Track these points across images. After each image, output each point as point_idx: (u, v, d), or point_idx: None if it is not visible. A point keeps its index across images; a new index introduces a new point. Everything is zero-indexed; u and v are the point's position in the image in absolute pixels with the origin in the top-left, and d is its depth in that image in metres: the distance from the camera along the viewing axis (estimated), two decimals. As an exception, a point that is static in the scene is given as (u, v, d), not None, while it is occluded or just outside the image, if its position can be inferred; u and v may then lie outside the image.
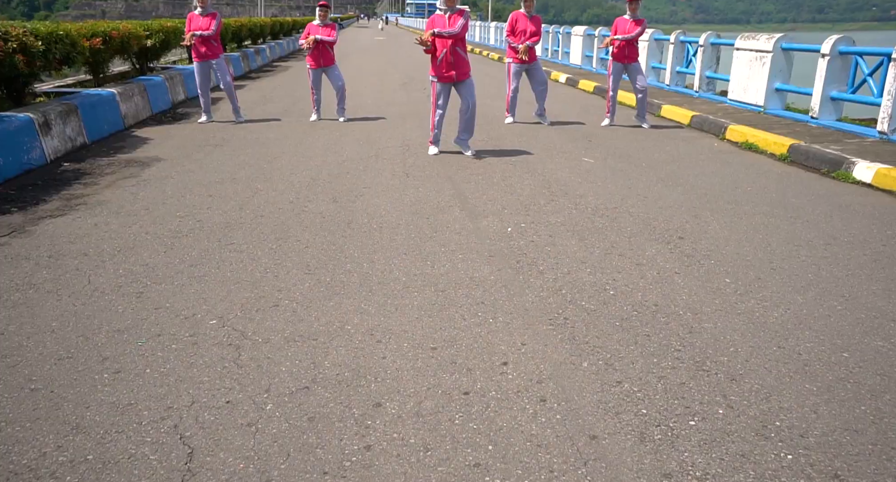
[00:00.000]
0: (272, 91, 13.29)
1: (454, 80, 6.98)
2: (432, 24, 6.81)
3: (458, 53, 6.88)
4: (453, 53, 6.85)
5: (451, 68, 6.89)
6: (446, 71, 6.91)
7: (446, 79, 6.96)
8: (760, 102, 9.49)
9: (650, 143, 8.15)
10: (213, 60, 9.02)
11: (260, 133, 8.58)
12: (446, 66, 6.88)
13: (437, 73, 6.96)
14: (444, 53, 6.83)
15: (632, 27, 8.86)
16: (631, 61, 8.99)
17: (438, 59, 6.87)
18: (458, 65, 6.92)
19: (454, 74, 6.92)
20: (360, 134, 8.53)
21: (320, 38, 9.16)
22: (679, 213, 5.11)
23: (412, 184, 6.01)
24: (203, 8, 8.89)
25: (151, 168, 6.61)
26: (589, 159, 7.09)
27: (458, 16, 6.81)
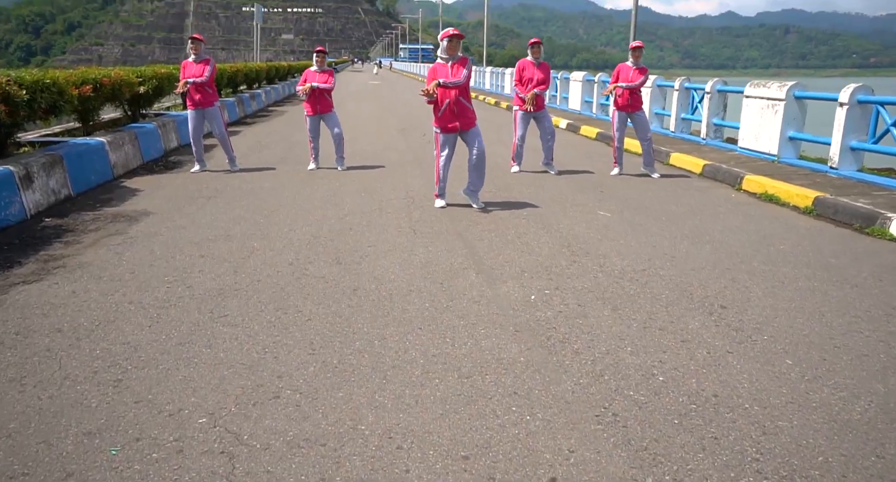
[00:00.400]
0: (268, 136, 12.98)
1: (458, 131, 6.64)
2: (434, 74, 6.50)
3: (461, 103, 6.55)
4: (457, 104, 6.52)
5: (455, 118, 6.57)
6: (450, 121, 6.58)
7: (450, 130, 6.62)
8: (774, 151, 9.21)
9: (664, 193, 7.80)
10: (207, 108, 8.72)
11: (255, 183, 8.19)
12: (450, 116, 6.56)
13: (441, 124, 6.63)
14: (447, 104, 6.51)
15: (635, 75, 8.62)
16: (635, 110, 8.72)
17: (441, 109, 6.54)
18: (463, 114, 6.59)
19: (458, 125, 6.59)
20: (360, 184, 8.15)
21: (317, 86, 8.87)
22: (714, 277, 4.69)
23: (420, 242, 5.59)
24: (196, 55, 8.63)
25: (139, 223, 6.16)
26: (605, 213, 6.70)
27: (461, 65, 6.51)
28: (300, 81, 9.03)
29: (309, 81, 8.91)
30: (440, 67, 6.51)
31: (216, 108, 8.91)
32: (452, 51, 6.46)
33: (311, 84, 8.86)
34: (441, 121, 6.60)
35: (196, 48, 8.64)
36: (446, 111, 6.54)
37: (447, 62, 6.50)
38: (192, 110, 8.71)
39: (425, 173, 8.84)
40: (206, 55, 8.81)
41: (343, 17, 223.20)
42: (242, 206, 6.94)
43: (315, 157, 9.30)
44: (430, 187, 7.80)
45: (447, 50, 6.46)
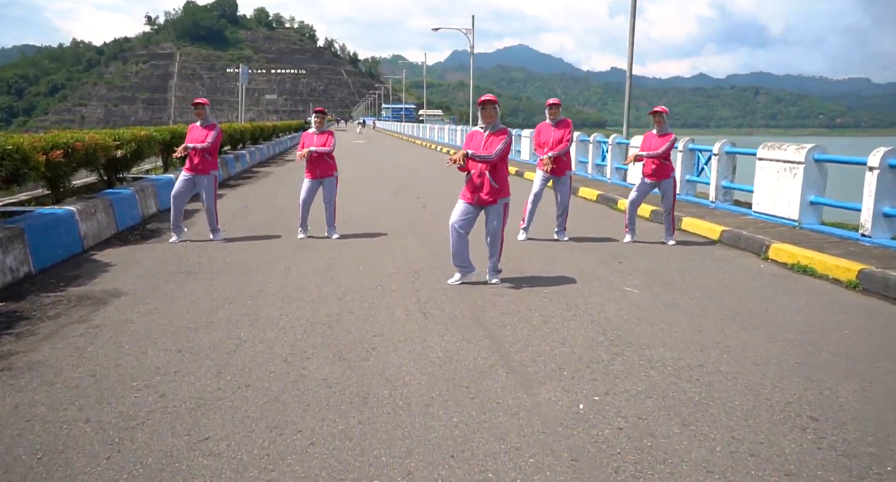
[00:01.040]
0: (253, 200, 12.30)
1: (475, 204, 6.03)
2: (469, 141, 6.00)
3: (487, 179, 5.94)
4: (481, 177, 5.93)
5: (476, 191, 5.96)
6: (471, 192, 5.98)
7: (468, 199, 6.01)
8: (794, 216, 8.69)
9: (687, 264, 7.19)
10: (202, 176, 8.18)
11: (241, 255, 7.45)
12: (471, 186, 5.97)
13: (463, 191, 6.05)
14: (471, 174, 5.95)
15: (658, 143, 8.13)
16: (662, 179, 8.18)
17: (467, 177, 6.01)
18: (483, 190, 5.98)
19: (477, 198, 5.98)
20: (357, 255, 7.45)
21: (315, 150, 8.30)
22: (786, 374, 4.00)
23: (434, 329, 4.86)
24: (203, 119, 8.21)
25: (108, 307, 5.37)
26: (632, 289, 6.04)
27: (499, 137, 5.94)
28: (299, 146, 8.50)
29: (307, 146, 8.34)
30: (476, 135, 6.01)
31: (212, 177, 8.28)
32: (488, 119, 5.92)
33: (310, 149, 8.30)
34: (464, 190, 6.08)
35: (201, 113, 8.25)
36: (469, 182, 6.01)
37: (484, 130, 5.97)
38: (186, 174, 8.13)
39: (427, 242, 8.17)
40: (213, 120, 8.39)
41: (326, 78, 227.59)
42: (227, 283, 6.18)
43: (303, 223, 8.61)
44: (435, 259, 7.13)
45: (482, 118, 5.93)
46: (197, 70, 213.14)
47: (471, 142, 5.96)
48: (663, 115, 8.19)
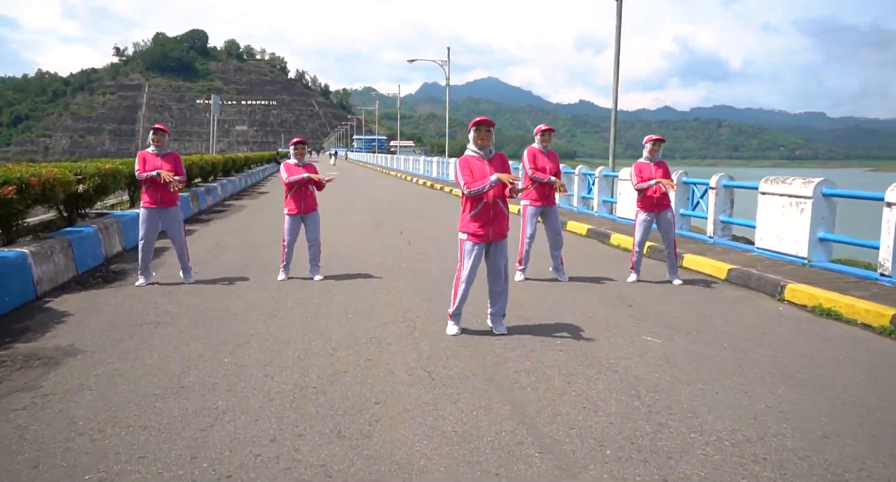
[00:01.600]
0: (228, 236, 11.57)
1: (489, 240, 5.43)
2: (469, 169, 5.32)
3: (499, 207, 5.39)
4: (495, 207, 5.36)
5: (488, 225, 5.37)
6: (482, 227, 5.36)
7: (481, 237, 5.39)
8: (802, 253, 8.28)
9: (701, 307, 6.67)
10: (169, 208, 7.46)
11: (216, 301, 6.74)
12: (484, 221, 5.35)
13: (468, 230, 5.40)
14: (482, 205, 5.32)
15: (658, 172, 7.70)
16: (663, 209, 7.74)
17: (475, 210, 5.35)
18: (499, 221, 5.42)
19: (490, 233, 5.38)
20: (345, 300, 6.78)
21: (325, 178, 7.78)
22: (866, 452, 3.44)
23: (443, 392, 4.22)
24: (160, 147, 7.42)
25: (61, 369, 4.63)
26: (652, 338, 5.48)
27: (501, 160, 5.41)
28: (288, 172, 7.74)
29: (293, 174, 7.69)
30: (474, 162, 5.36)
31: (179, 208, 7.59)
32: (483, 141, 5.35)
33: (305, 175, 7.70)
34: (470, 224, 5.38)
35: (159, 140, 7.44)
36: (481, 214, 5.34)
37: (482, 158, 5.37)
38: (150, 210, 7.37)
39: (418, 285, 7.55)
40: (170, 148, 7.63)
41: (297, 109, 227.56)
42: (200, 336, 5.47)
43: (286, 264, 7.94)
44: (430, 305, 6.51)
45: (477, 141, 5.35)
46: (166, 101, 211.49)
47: (472, 170, 5.32)
48: (661, 143, 7.82)
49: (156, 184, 7.33)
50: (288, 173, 7.71)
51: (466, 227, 5.41)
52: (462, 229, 5.46)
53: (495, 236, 5.40)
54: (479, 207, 5.34)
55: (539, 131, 7.92)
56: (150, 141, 7.45)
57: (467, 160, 5.37)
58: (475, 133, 5.35)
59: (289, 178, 7.67)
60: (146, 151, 7.45)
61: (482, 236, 5.37)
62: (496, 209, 5.36)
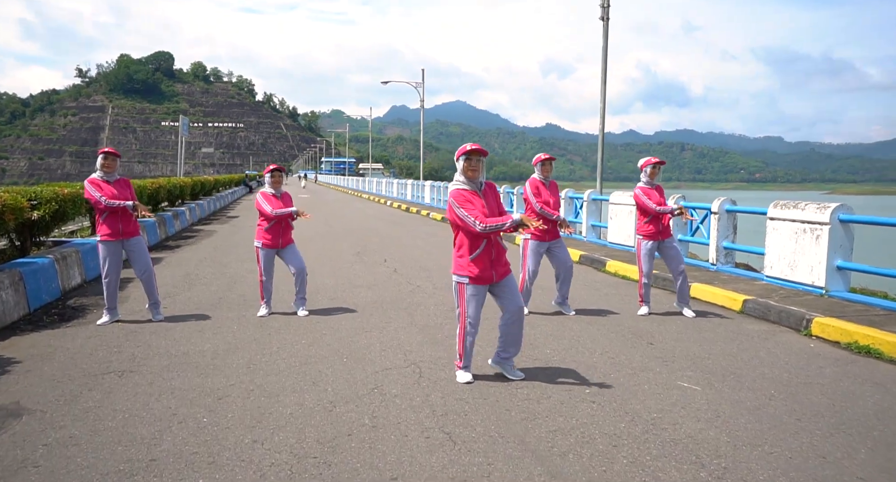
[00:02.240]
0: (198, 266, 10.73)
1: (493, 282, 4.79)
2: (467, 203, 4.66)
3: (500, 245, 4.78)
4: (496, 245, 4.74)
5: (492, 266, 4.74)
6: (484, 270, 4.72)
7: (484, 280, 4.74)
8: (819, 283, 7.81)
9: (728, 344, 6.11)
10: (132, 239, 6.69)
11: (190, 343, 5.96)
12: (487, 263, 4.72)
13: (470, 273, 4.74)
14: (483, 245, 4.70)
15: (660, 197, 7.23)
16: (666, 237, 7.24)
17: (476, 251, 4.70)
18: (501, 258, 4.80)
19: (493, 275, 4.75)
20: (336, 341, 6.06)
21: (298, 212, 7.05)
22: None
23: (471, 461, 3.53)
24: (111, 173, 6.61)
25: (0, 437, 3.83)
26: (690, 385, 4.87)
27: (493, 192, 4.83)
28: (270, 204, 7.01)
29: (273, 207, 7.00)
30: (470, 196, 4.71)
31: (142, 238, 6.83)
32: (475, 173, 4.71)
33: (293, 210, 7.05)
34: (472, 267, 4.72)
35: (110, 165, 6.60)
36: (483, 255, 4.70)
37: (475, 190, 4.74)
38: (111, 242, 6.58)
39: (416, 322, 6.86)
40: (118, 174, 6.80)
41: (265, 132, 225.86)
42: (173, 388, 4.70)
43: (267, 299, 7.19)
44: (433, 347, 5.83)
45: (467, 171, 4.71)
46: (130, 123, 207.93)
47: (470, 203, 4.64)
48: (661, 166, 7.32)
49: (116, 214, 6.56)
50: (271, 205, 6.99)
51: (466, 269, 4.74)
52: (460, 271, 4.78)
53: (500, 276, 4.77)
54: (481, 248, 4.69)
55: (539, 161, 7.30)
56: (98, 166, 6.64)
57: (463, 194, 4.71)
58: (466, 163, 4.70)
59: (275, 212, 6.95)
60: (95, 178, 6.59)
61: (486, 278, 4.73)
62: (497, 248, 4.75)
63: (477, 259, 4.69)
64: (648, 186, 7.26)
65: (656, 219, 7.21)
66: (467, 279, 4.74)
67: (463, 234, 4.75)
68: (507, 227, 4.55)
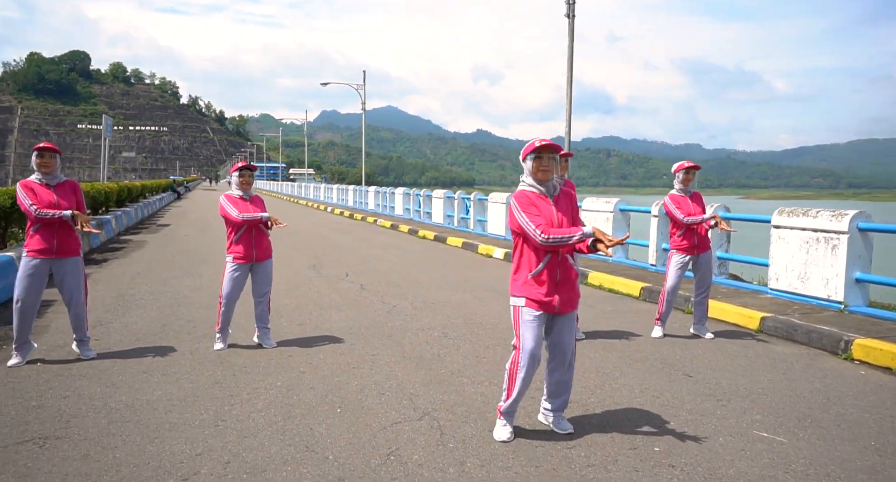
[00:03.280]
0: (132, 284, 9.29)
1: (555, 311, 3.82)
2: (528, 203, 3.72)
3: (568, 264, 3.82)
4: (563, 265, 3.78)
5: (556, 290, 3.78)
6: (545, 293, 3.76)
7: (544, 305, 3.77)
8: (836, 297, 7.22)
9: (771, 372, 5.36)
10: (67, 258, 5.42)
11: (134, 391, 4.72)
12: (550, 285, 3.76)
13: (528, 294, 3.78)
14: (546, 262, 3.74)
15: (695, 206, 6.46)
16: (704, 251, 6.47)
17: (536, 269, 3.75)
18: (568, 284, 3.83)
19: (557, 302, 3.79)
20: (320, 383, 4.94)
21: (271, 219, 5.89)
22: None
23: None
24: (51, 174, 5.30)
25: None
26: (770, 435, 4.04)
27: (569, 200, 3.87)
28: (236, 207, 5.79)
29: (244, 210, 5.80)
30: (536, 199, 3.76)
31: (80, 260, 5.53)
32: (546, 174, 3.76)
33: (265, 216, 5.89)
34: (530, 287, 3.77)
35: (48, 164, 5.27)
36: (545, 274, 3.74)
37: (545, 195, 3.79)
38: (39, 261, 5.26)
39: (409, 354, 5.81)
40: (64, 176, 5.51)
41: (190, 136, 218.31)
42: (117, 463, 3.50)
43: (224, 328, 5.98)
44: (443, 388, 4.81)
45: (536, 172, 3.76)
46: (42, 125, 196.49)
47: (536, 208, 3.70)
48: (696, 171, 6.56)
49: (52, 226, 5.25)
50: (237, 208, 5.80)
51: (523, 289, 3.79)
52: (516, 292, 3.83)
53: (564, 306, 3.82)
54: (543, 264, 3.73)
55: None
56: (34, 166, 5.33)
57: (528, 196, 3.77)
58: (535, 162, 3.75)
59: (242, 216, 5.75)
60: (32, 181, 5.31)
61: (547, 305, 3.76)
62: (564, 267, 3.79)
63: (537, 278, 3.73)
64: (682, 194, 6.47)
65: (690, 231, 6.42)
66: (523, 301, 3.77)
67: (524, 246, 3.79)
68: (574, 241, 3.59)
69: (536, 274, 3.73)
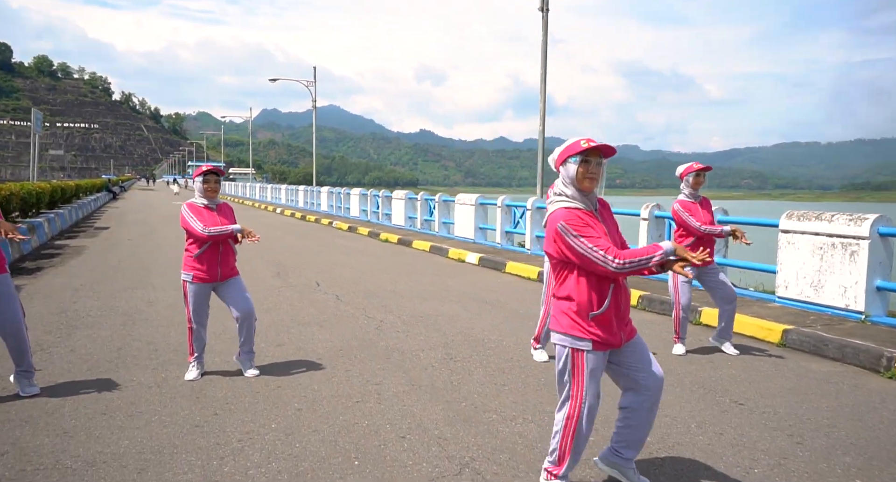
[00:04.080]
0: (75, 298, 8.17)
1: (619, 345, 3.12)
2: (583, 225, 2.97)
3: (626, 289, 3.14)
4: (623, 291, 3.10)
5: (621, 322, 3.10)
6: (611, 331, 3.05)
7: (610, 344, 3.07)
8: (856, 306, 6.82)
9: (824, 398, 4.84)
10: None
11: (91, 442, 3.81)
12: (616, 315, 3.06)
13: (594, 335, 3.03)
14: (610, 294, 3.03)
15: (706, 213, 5.93)
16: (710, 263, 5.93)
17: (601, 308, 3.01)
18: (627, 309, 3.15)
19: (622, 334, 3.11)
20: (325, 424, 4.13)
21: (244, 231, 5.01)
22: None
23: None
24: None
25: None
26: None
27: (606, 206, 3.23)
28: (201, 219, 4.90)
29: (210, 224, 4.92)
30: (589, 219, 3.03)
31: (8, 276, 4.56)
32: (591, 183, 3.04)
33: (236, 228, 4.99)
34: (595, 326, 3.03)
35: None
36: (611, 308, 3.03)
37: (589, 210, 3.07)
38: None
39: (416, 380, 5.04)
40: None
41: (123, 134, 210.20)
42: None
43: (198, 354, 5.09)
44: (472, 429, 4.06)
45: (582, 181, 3.03)
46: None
47: (593, 229, 2.97)
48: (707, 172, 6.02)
49: None
50: (203, 221, 4.90)
51: (585, 329, 3.03)
52: (574, 332, 3.04)
53: (628, 335, 3.14)
54: (609, 297, 3.02)
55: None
56: None
57: (579, 216, 3.00)
58: (582, 167, 3.00)
59: (209, 231, 4.86)
60: None
61: (613, 342, 3.07)
62: (625, 295, 3.11)
63: (604, 315, 3.02)
64: (691, 200, 5.91)
65: (701, 241, 5.87)
66: (589, 344, 3.04)
67: (578, 277, 3.05)
68: (653, 263, 2.91)
69: (603, 311, 3.02)
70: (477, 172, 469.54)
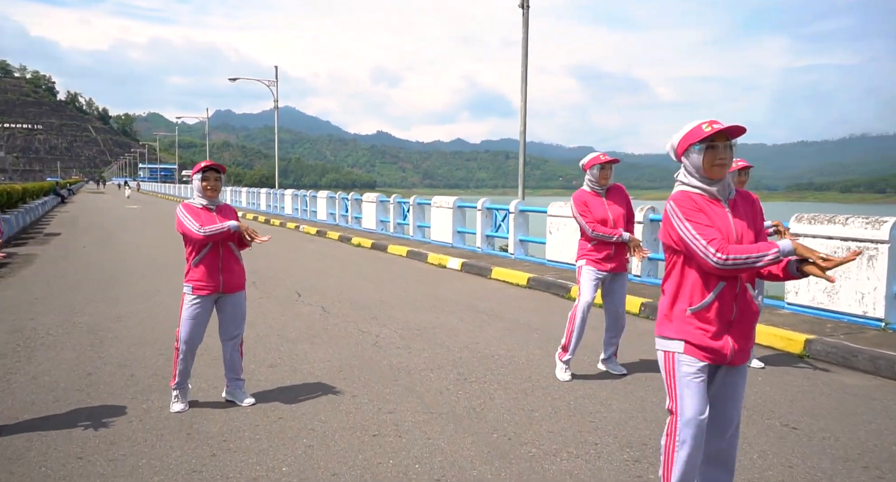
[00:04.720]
0: (30, 314, 7.37)
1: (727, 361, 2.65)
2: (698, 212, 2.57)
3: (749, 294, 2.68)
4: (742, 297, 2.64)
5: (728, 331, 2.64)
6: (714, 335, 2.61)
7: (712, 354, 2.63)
8: (875, 314, 6.55)
9: (874, 416, 4.51)
10: None
11: (70, 498, 3.19)
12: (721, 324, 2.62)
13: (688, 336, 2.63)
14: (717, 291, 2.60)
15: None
16: None
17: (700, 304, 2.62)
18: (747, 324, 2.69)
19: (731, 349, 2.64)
20: (342, 465, 3.57)
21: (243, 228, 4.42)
22: None
23: None
24: None
25: None
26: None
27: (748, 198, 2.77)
28: (197, 218, 4.29)
29: (207, 222, 4.30)
30: (709, 207, 2.64)
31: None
32: (721, 171, 2.62)
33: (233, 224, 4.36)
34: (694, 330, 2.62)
35: None
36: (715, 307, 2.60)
37: (718, 199, 2.67)
38: None
39: (433, 407, 4.52)
40: None
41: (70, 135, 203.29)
42: None
43: (182, 382, 4.46)
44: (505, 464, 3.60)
45: (709, 168, 2.62)
46: None
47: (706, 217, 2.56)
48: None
49: None
50: (198, 221, 4.30)
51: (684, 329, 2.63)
52: (667, 332, 2.67)
53: (738, 356, 2.68)
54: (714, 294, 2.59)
55: (596, 163, 5.18)
56: None
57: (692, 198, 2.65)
58: (707, 153, 2.60)
59: (204, 230, 4.25)
60: None
61: (717, 353, 2.64)
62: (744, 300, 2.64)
63: (703, 313, 2.58)
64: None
65: None
66: (681, 345, 2.61)
67: (684, 268, 2.63)
68: (765, 263, 2.46)
69: (700, 309, 2.59)
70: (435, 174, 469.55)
